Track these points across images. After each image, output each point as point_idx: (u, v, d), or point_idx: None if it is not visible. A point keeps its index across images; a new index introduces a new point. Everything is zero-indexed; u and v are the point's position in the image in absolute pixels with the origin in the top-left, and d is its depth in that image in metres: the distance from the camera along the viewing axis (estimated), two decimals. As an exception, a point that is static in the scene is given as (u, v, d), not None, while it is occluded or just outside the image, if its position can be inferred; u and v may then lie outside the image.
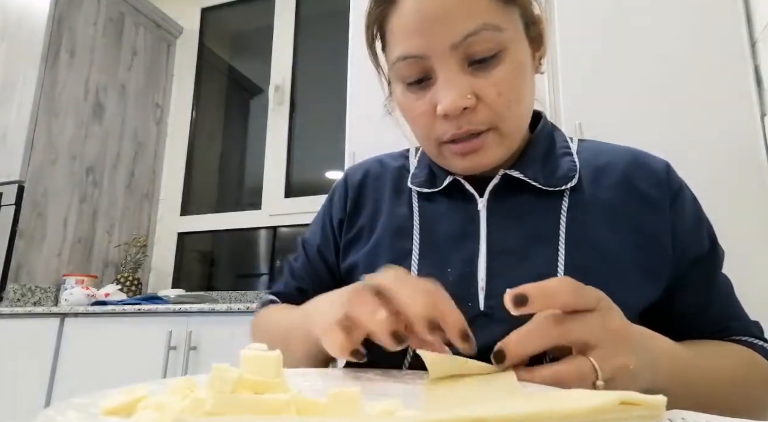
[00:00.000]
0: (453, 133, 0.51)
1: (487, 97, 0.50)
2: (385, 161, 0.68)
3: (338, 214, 0.65)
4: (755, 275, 1.22)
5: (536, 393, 0.33)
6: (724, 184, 1.31)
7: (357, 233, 0.63)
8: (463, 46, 0.49)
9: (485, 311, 0.51)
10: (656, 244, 0.54)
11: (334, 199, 0.68)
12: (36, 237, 2.17)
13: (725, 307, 0.58)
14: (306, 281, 0.67)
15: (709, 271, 0.57)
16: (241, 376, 0.26)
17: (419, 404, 0.32)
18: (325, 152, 2.56)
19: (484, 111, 0.51)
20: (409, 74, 0.52)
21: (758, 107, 1.34)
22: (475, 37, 0.49)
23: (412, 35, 0.51)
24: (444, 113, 0.50)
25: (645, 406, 0.22)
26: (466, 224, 0.56)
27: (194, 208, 2.76)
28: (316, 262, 0.66)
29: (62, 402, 0.27)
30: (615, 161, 0.58)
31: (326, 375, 0.41)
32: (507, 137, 0.53)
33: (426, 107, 0.52)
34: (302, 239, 0.70)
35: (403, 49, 0.52)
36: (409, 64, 0.52)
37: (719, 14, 1.42)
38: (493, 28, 0.49)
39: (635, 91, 1.46)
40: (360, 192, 0.65)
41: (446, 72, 0.50)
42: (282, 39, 2.76)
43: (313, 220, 0.70)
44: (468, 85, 0.50)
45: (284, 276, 0.71)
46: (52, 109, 2.27)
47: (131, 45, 2.69)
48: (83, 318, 1.84)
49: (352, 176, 0.67)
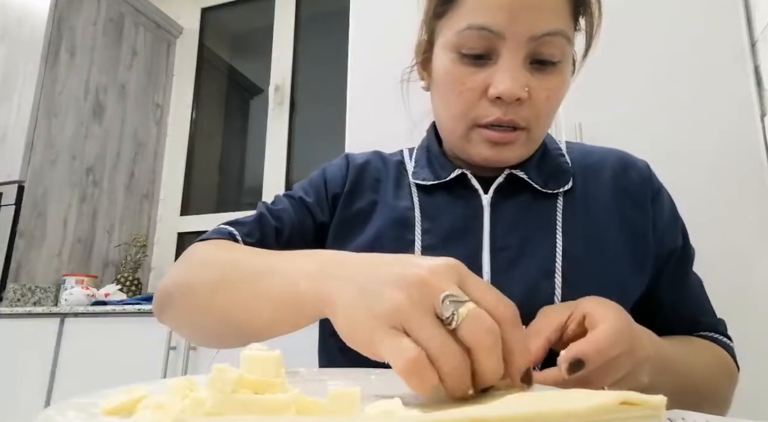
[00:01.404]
0: (498, 117, 0.52)
1: (537, 98, 0.52)
2: (384, 155, 0.68)
3: (334, 188, 0.63)
4: (755, 275, 1.22)
5: (536, 393, 0.33)
6: (724, 184, 1.31)
7: (355, 214, 0.61)
8: (538, 41, 0.50)
9: None
10: (641, 238, 0.57)
11: (330, 171, 0.65)
12: (36, 237, 2.17)
13: (697, 303, 0.61)
14: (287, 225, 0.59)
15: (682, 266, 0.60)
16: (241, 376, 0.26)
17: (419, 404, 0.32)
18: (325, 152, 2.55)
19: (530, 109, 0.52)
20: (474, 46, 0.51)
21: (758, 107, 1.34)
22: (551, 38, 0.51)
23: (497, 10, 0.50)
24: (498, 96, 0.50)
25: (645, 406, 0.22)
26: (468, 218, 0.57)
27: (194, 208, 2.76)
28: (302, 213, 0.61)
29: (62, 402, 0.27)
30: (603, 161, 0.61)
31: (327, 375, 0.41)
32: (533, 141, 0.56)
33: (477, 85, 0.52)
34: (285, 193, 0.65)
35: (482, 19, 0.50)
36: (481, 36, 0.51)
37: (719, 14, 1.42)
38: (566, 37, 0.52)
39: (635, 91, 1.46)
40: (361, 175, 0.64)
41: (513, 59, 0.51)
42: (282, 39, 2.76)
43: (300, 184, 0.66)
44: (526, 79, 0.51)
45: (255, 215, 0.60)
46: (52, 109, 2.27)
47: (131, 45, 2.69)
48: (83, 317, 1.84)
49: (354, 159, 0.66)
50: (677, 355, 0.49)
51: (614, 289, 0.51)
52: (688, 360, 0.51)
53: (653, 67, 1.45)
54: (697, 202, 1.24)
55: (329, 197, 0.63)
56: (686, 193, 0.84)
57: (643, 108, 1.44)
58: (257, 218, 0.59)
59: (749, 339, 1.22)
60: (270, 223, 0.58)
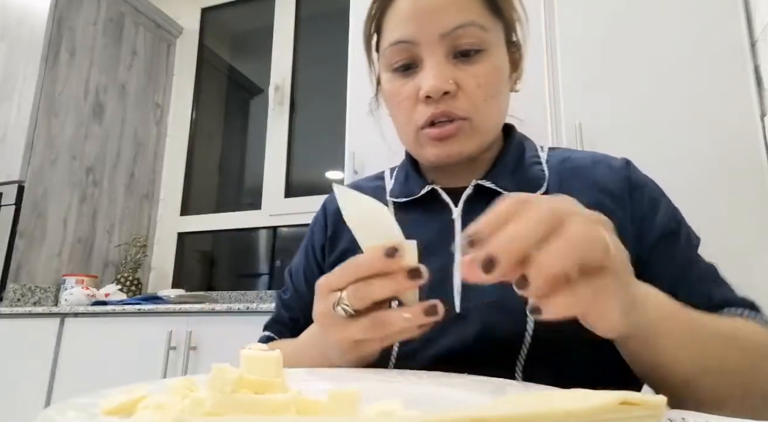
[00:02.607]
0: (432, 113, 0.54)
1: (467, 87, 0.54)
2: (360, 184, 0.72)
3: (320, 240, 0.68)
4: (755, 276, 1.22)
5: (536, 393, 0.33)
6: (724, 184, 1.31)
7: (340, 255, 0.65)
8: (451, 37, 0.54)
9: (461, 313, 0.53)
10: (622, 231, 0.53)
11: (314, 228, 0.71)
12: (36, 237, 2.17)
13: (705, 284, 0.54)
14: (297, 311, 0.68)
15: (673, 245, 0.55)
16: (241, 376, 0.26)
17: (419, 404, 0.32)
18: (325, 152, 2.56)
19: (462, 99, 0.54)
20: (398, 59, 0.57)
21: (758, 107, 1.34)
22: (463, 30, 0.54)
23: (406, 23, 0.55)
24: (426, 94, 0.54)
25: (645, 406, 0.22)
26: (441, 232, 0.58)
27: (194, 208, 2.77)
28: (303, 291, 0.68)
29: (62, 402, 0.27)
30: (579, 163, 0.61)
31: (326, 375, 0.41)
32: (479, 130, 0.56)
33: (410, 92, 0.56)
34: (288, 270, 0.72)
35: (397, 35, 0.56)
36: (399, 49, 0.56)
37: (719, 14, 1.42)
38: (480, 26, 0.55)
39: (635, 91, 1.46)
40: (338, 217, 0.67)
41: (432, 59, 0.54)
42: (282, 39, 2.76)
43: (297, 252, 0.72)
44: (451, 72, 0.54)
45: (275, 309, 0.72)
46: (52, 109, 2.27)
47: (131, 45, 2.69)
48: (83, 317, 1.84)
49: (330, 204, 0.71)
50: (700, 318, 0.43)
51: None
52: (717, 324, 0.45)
53: (653, 67, 1.45)
54: (697, 202, 1.24)
55: (318, 252, 0.68)
56: (686, 193, 0.84)
57: (643, 108, 1.44)
58: (276, 315, 0.70)
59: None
60: (284, 315, 0.68)
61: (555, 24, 1.57)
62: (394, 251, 0.37)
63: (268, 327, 0.70)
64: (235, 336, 1.64)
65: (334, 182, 0.74)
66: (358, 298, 0.39)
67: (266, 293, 2.41)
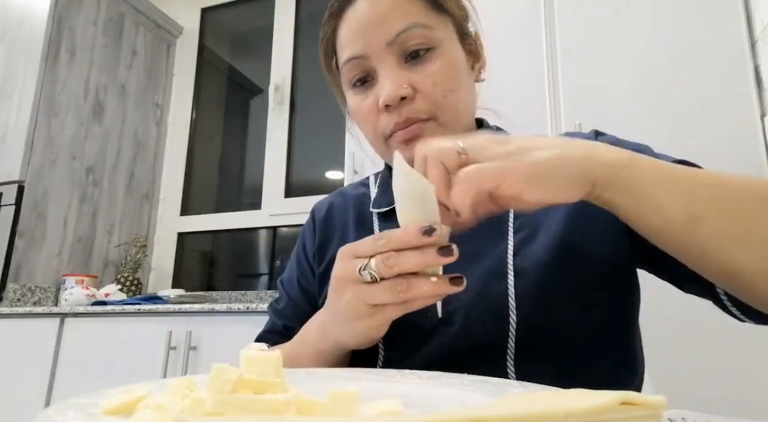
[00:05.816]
0: (395, 122, 0.55)
1: (423, 88, 0.55)
2: (346, 191, 0.73)
3: (310, 249, 0.69)
4: (755, 276, 1.22)
5: (536, 393, 0.33)
6: (724, 184, 1.31)
7: (327, 265, 0.66)
8: (397, 42, 0.55)
9: (444, 318, 0.53)
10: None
11: (305, 236, 0.72)
12: (36, 237, 2.17)
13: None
14: (291, 318, 0.68)
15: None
16: (241, 376, 0.26)
17: (419, 404, 0.32)
18: (325, 152, 2.56)
19: (421, 101, 0.55)
20: (354, 75, 0.58)
21: (758, 107, 1.34)
22: (407, 33, 0.54)
23: (353, 40, 0.57)
24: (385, 104, 0.54)
25: (645, 406, 0.22)
26: None
27: (194, 208, 2.77)
28: (297, 298, 0.69)
29: (62, 402, 0.27)
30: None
31: (326, 375, 0.41)
32: (446, 127, 0.56)
33: (371, 105, 0.57)
34: (280, 279, 0.73)
35: (348, 53, 0.57)
36: (353, 65, 0.57)
37: (719, 14, 1.42)
38: (423, 26, 0.55)
39: (635, 91, 1.46)
40: (326, 225, 0.70)
41: (384, 68, 0.55)
42: (282, 39, 2.76)
43: (289, 262, 0.73)
44: (405, 77, 0.55)
45: (269, 319, 0.72)
46: (52, 109, 2.27)
47: (131, 45, 2.69)
48: (83, 317, 1.84)
49: (318, 212, 0.72)
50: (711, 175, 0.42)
51: (575, 266, 0.50)
52: (719, 177, 0.44)
53: (653, 67, 1.45)
54: (697, 202, 1.24)
55: (311, 259, 0.68)
56: (686, 193, 0.83)
57: (642, 108, 1.44)
58: (270, 323, 0.70)
59: (749, 339, 1.22)
60: (277, 323, 0.69)
61: (555, 24, 1.57)
62: (432, 230, 0.39)
63: (261, 338, 0.70)
64: (235, 336, 1.64)
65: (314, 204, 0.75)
66: (388, 265, 0.40)
67: (266, 293, 2.41)
